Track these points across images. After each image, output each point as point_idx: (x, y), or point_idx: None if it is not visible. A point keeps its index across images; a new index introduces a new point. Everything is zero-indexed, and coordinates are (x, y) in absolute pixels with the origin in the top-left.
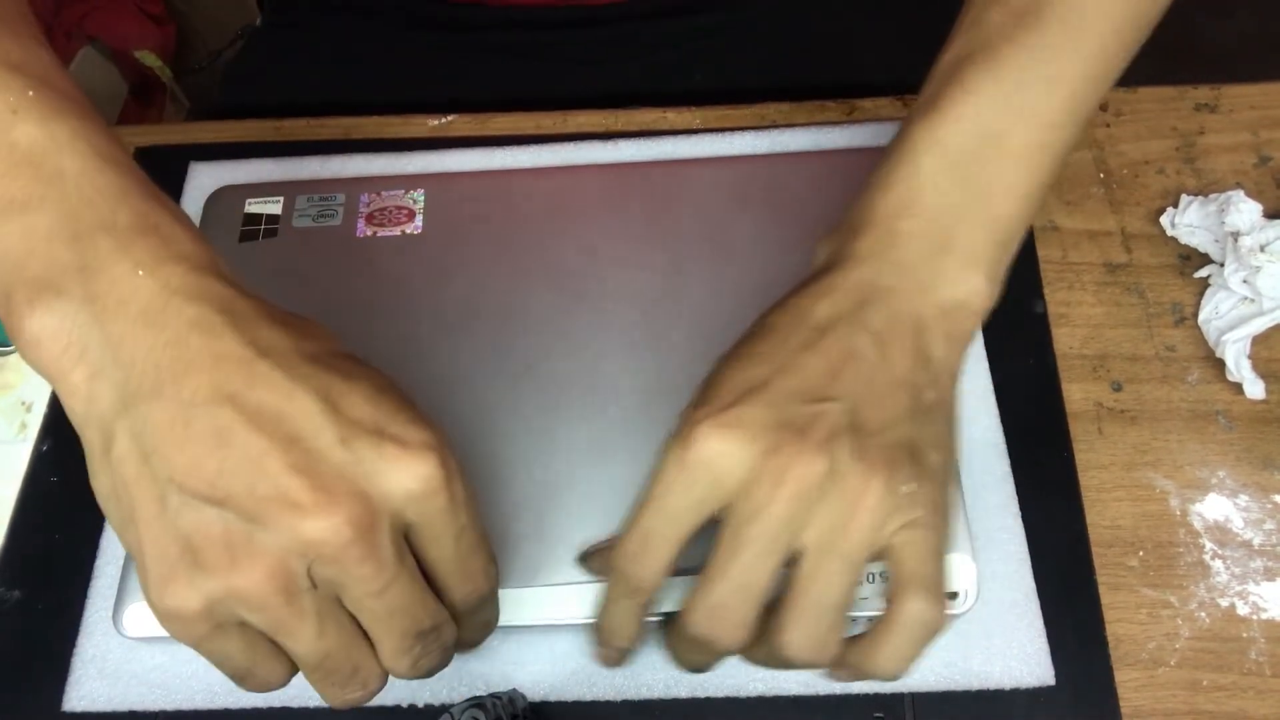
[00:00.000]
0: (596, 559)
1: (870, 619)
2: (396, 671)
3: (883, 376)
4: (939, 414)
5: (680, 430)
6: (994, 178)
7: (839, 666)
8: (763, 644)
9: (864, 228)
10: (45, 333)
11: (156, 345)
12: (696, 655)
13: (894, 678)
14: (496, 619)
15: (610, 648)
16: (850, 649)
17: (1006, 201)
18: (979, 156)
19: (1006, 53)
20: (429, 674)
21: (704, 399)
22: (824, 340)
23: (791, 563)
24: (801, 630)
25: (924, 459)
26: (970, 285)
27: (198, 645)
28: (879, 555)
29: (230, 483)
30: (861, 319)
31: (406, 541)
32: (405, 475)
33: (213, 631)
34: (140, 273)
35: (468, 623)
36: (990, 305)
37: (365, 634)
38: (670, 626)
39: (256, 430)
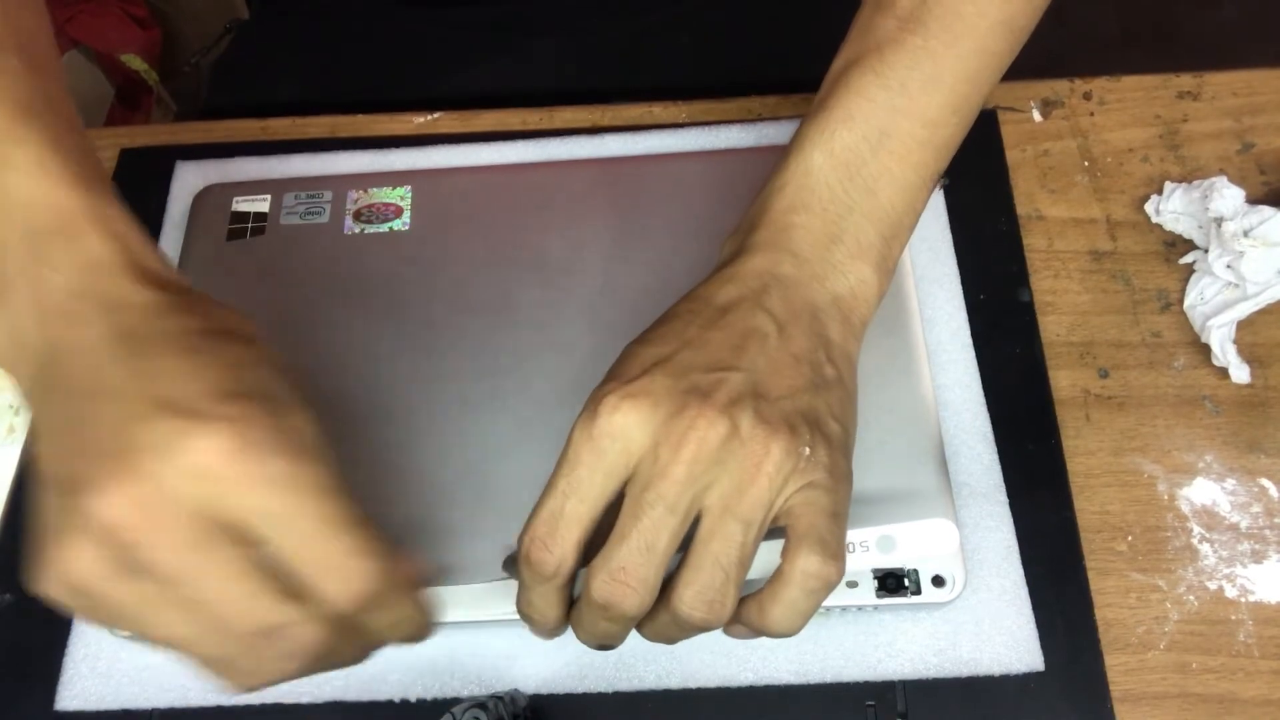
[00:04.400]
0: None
1: None
2: (228, 678)
3: (782, 351)
4: (838, 389)
5: (588, 406)
6: (879, 174)
7: (734, 623)
8: (663, 608)
9: (761, 223)
10: None
11: (48, 340)
12: (602, 623)
13: (788, 634)
14: (422, 619)
15: (542, 628)
16: (744, 605)
17: (891, 195)
18: (865, 155)
19: (891, 56)
20: (282, 680)
21: (610, 376)
22: (726, 318)
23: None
24: (697, 588)
25: (824, 426)
26: (859, 274)
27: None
28: (778, 518)
29: (57, 466)
30: (761, 301)
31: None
32: (193, 451)
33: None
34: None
35: (372, 624)
36: (880, 293)
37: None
38: (576, 599)
39: (86, 414)
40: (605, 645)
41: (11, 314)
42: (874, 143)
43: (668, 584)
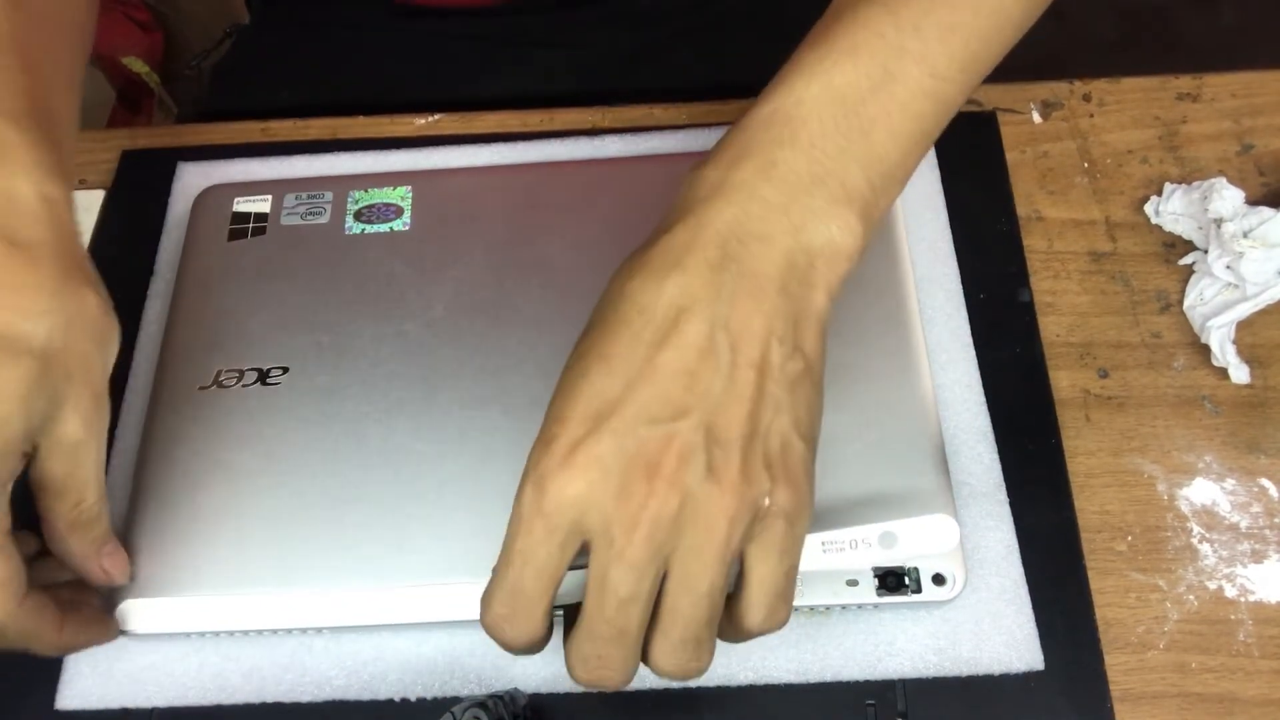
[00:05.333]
0: None
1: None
2: None
3: (739, 370)
4: (803, 385)
5: (533, 475)
6: (877, 116)
7: None
8: (646, 664)
9: (739, 157)
10: None
11: None
12: (592, 686)
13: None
14: (43, 651)
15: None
16: None
17: (887, 143)
18: (864, 92)
19: None
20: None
21: (554, 430)
22: (676, 333)
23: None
24: (671, 656)
25: (786, 455)
26: (841, 220)
27: None
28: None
29: None
30: (717, 293)
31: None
32: None
33: None
34: None
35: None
36: (863, 247)
37: None
38: (569, 635)
39: None
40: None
41: None
42: (876, 81)
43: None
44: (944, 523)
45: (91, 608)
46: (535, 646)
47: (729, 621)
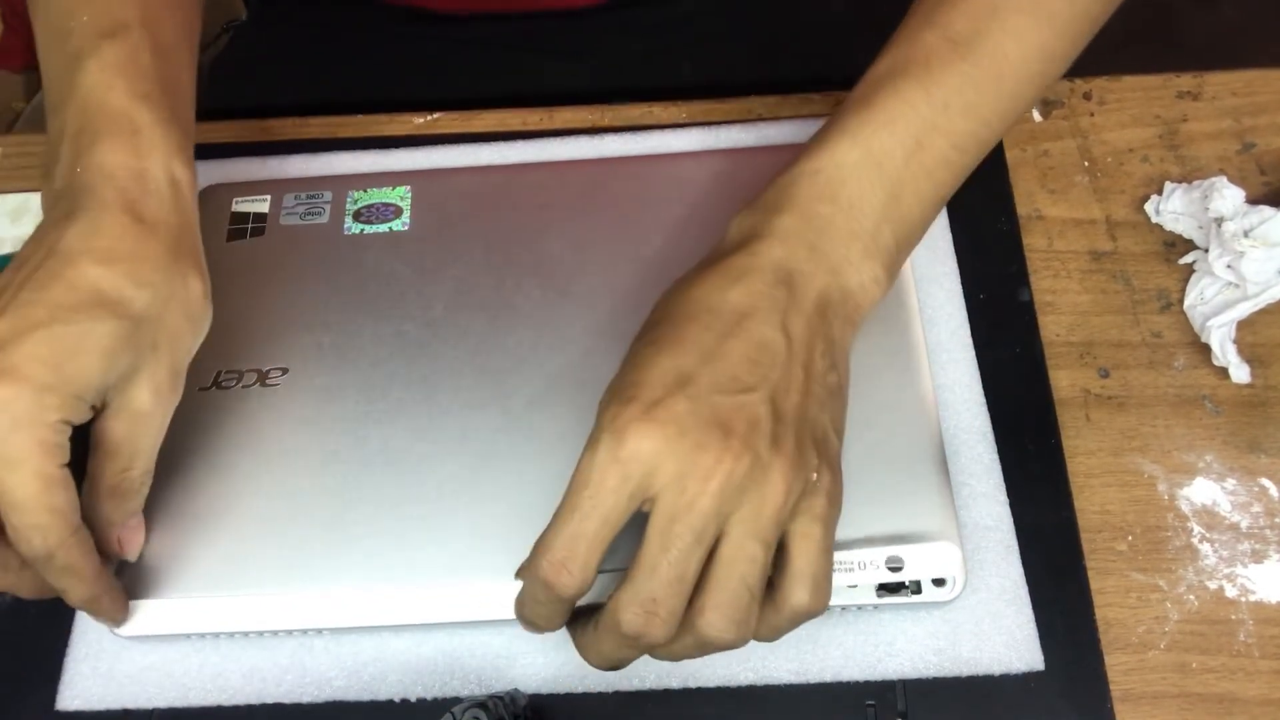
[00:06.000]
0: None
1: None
2: None
3: (793, 365)
4: (838, 397)
5: (612, 426)
6: (906, 181)
7: None
8: (685, 630)
9: (785, 207)
10: None
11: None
12: (623, 650)
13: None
14: (71, 591)
15: (539, 632)
16: None
17: (912, 206)
18: (898, 160)
19: (939, 74)
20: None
21: (631, 391)
22: (742, 328)
23: None
24: (725, 609)
25: (827, 444)
26: (871, 273)
27: None
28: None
29: None
30: (775, 309)
31: None
32: None
33: None
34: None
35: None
36: (885, 294)
37: None
38: (580, 627)
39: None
40: (617, 667)
41: (48, 187)
42: (908, 151)
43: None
44: (948, 549)
45: (114, 578)
46: (569, 609)
47: (772, 606)
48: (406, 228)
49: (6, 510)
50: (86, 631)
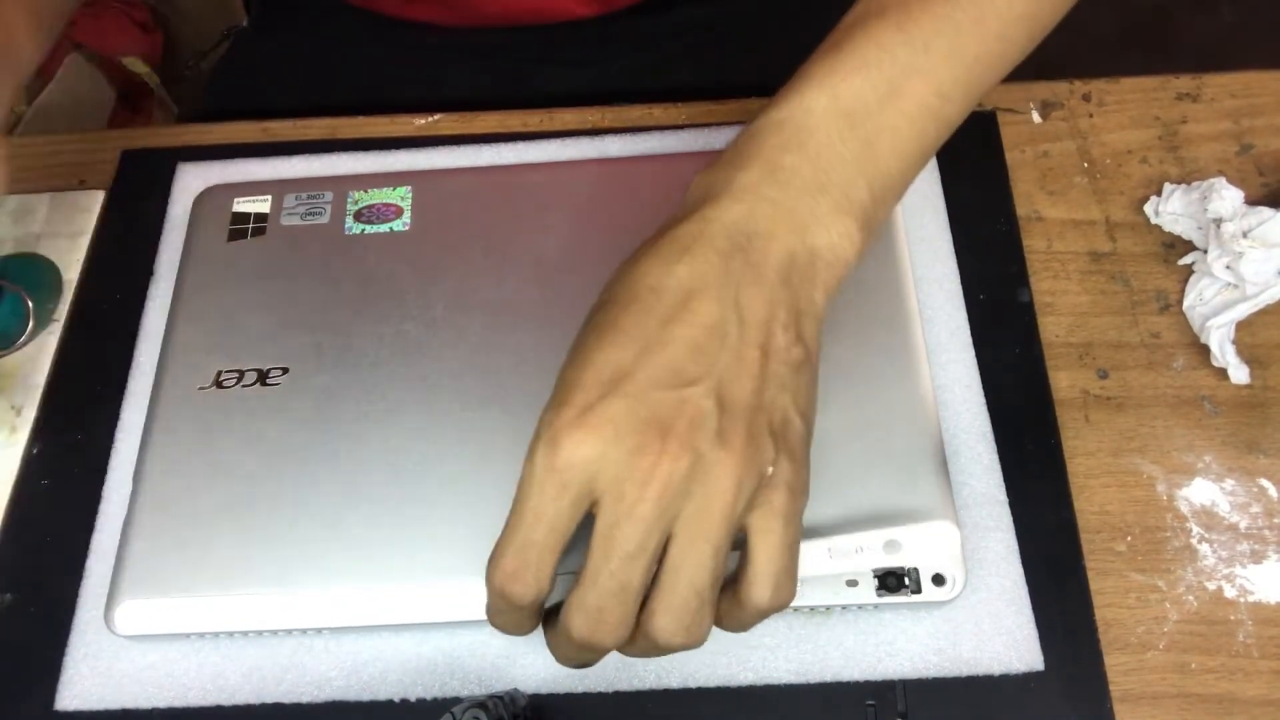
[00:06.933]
0: None
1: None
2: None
3: (746, 347)
4: (804, 372)
5: (546, 434)
6: (882, 130)
7: None
8: (640, 633)
9: (748, 160)
10: None
11: None
12: (580, 653)
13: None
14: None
15: (514, 636)
16: None
17: (890, 156)
18: (871, 106)
19: (918, 14)
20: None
21: (567, 395)
22: (688, 310)
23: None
24: (674, 616)
25: (787, 430)
26: (842, 228)
27: None
28: (740, 532)
29: None
30: (726, 278)
31: None
32: None
33: None
34: None
35: None
36: (861, 253)
37: None
38: (550, 626)
39: None
40: (583, 666)
41: None
42: (883, 96)
43: (642, 608)
44: (946, 529)
45: None
46: (535, 613)
47: (735, 602)
48: (407, 228)
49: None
50: (85, 632)
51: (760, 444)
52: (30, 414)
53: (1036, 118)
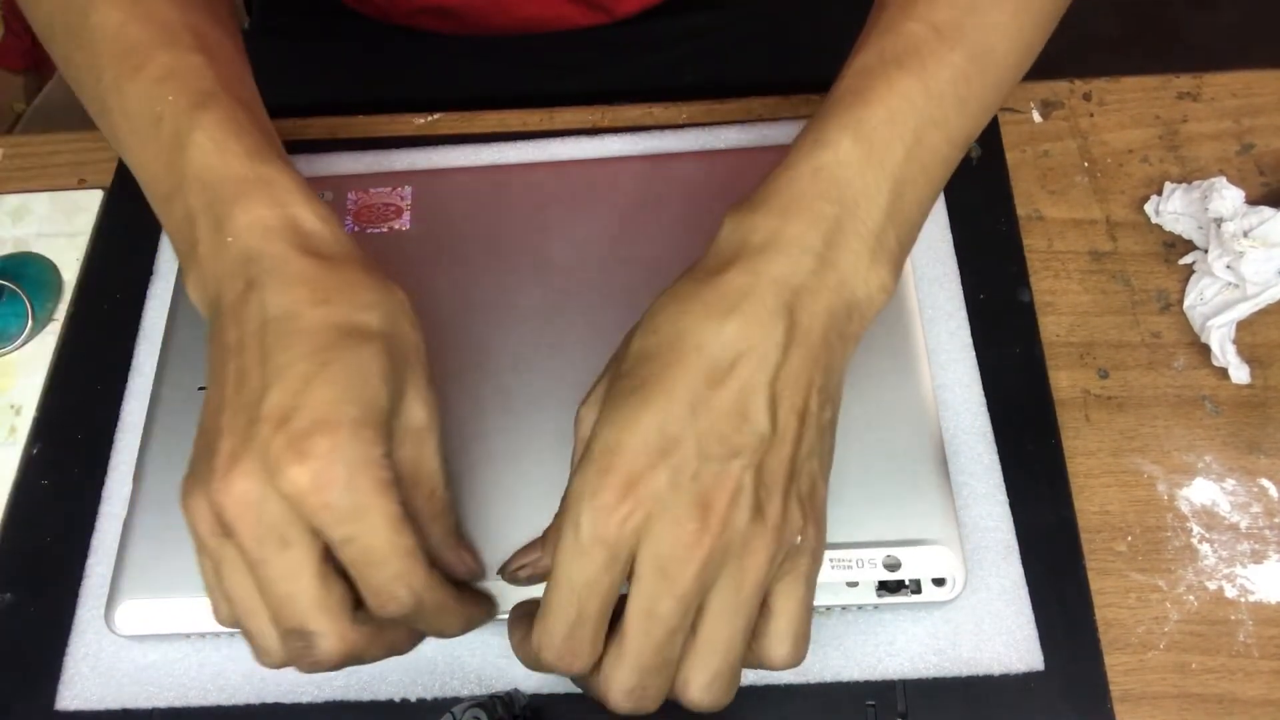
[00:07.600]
0: (525, 570)
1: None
2: (260, 659)
3: (789, 412)
4: (830, 433)
5: (594, 502)
6: (907, 182)
7: None
8: (673, 697)
9: (789, 210)
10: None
11: (218, 296)
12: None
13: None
14: (456, 624)
15: None
16: None
17: (913, 205)
18: (900, 159)
19: (934, 68)
20: (306, 671)
21: (613, 460)
22: (733, 376)
23: None
24: (710, 689)
25: (814, 496)
26: (878, 280)
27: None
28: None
29: (204, 420)
30: (773, 342)
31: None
32: (286, 480)
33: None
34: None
35: (419, 626)
36: (887, 303)
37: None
38: (590, 687)
39: (229, 382)
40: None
41: (198, 273)
42: (909, 147)
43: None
44: (947, 554)
45: (462, 586)
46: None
47: (751, 654)
48: (406, 227)
49: (364, 570)
50: (85, 631)
51: (790, 516)
52: (30, 414)
53: (1037, 117)
